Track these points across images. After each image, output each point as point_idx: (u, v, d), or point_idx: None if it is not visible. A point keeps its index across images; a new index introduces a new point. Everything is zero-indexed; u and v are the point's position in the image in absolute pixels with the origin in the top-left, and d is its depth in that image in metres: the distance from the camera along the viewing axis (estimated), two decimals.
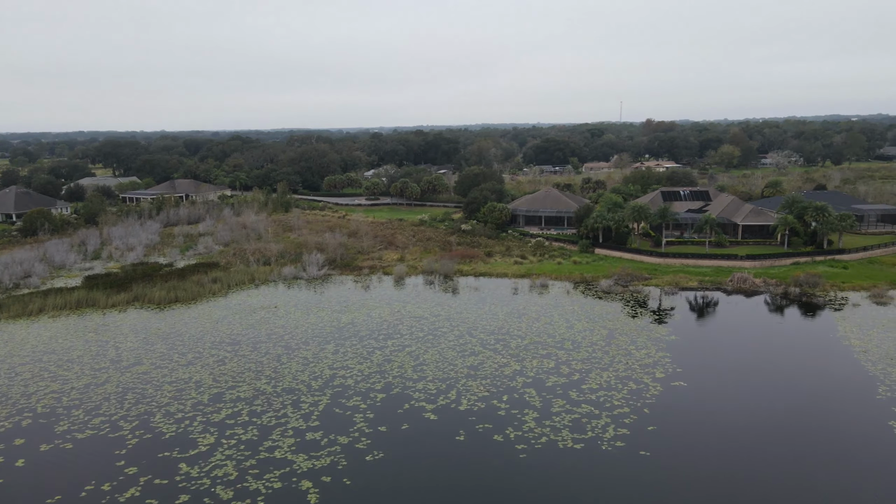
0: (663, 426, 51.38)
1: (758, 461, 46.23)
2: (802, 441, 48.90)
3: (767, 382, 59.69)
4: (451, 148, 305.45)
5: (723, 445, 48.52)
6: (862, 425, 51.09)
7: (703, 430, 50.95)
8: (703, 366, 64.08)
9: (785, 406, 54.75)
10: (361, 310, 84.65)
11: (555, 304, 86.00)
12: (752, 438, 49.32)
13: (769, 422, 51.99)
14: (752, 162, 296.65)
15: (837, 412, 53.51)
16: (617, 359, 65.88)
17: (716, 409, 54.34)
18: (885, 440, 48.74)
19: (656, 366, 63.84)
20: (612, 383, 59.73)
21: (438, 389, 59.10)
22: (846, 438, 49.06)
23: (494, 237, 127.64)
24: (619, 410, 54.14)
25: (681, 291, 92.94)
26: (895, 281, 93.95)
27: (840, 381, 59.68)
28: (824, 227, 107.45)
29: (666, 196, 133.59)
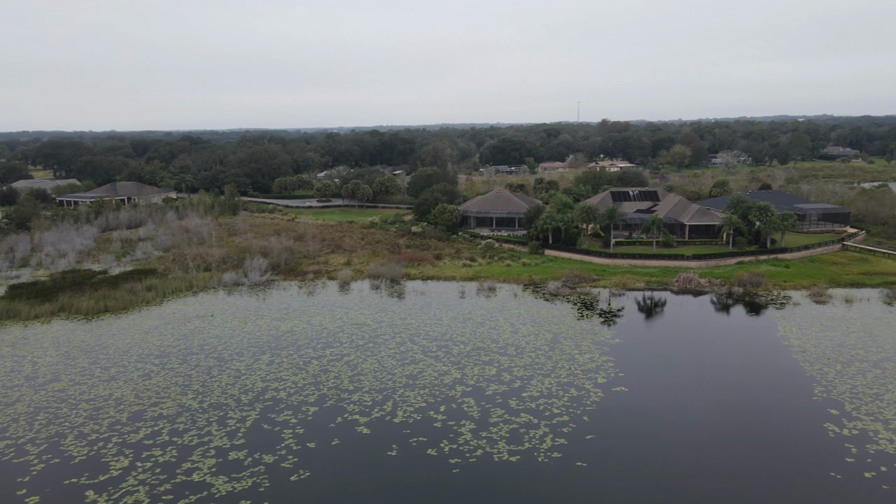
0: (602, 435, 50.21)
1: (693, 468, 45.37)
2: (739, 447, 48.29)
3: (707, 386, 59.23)
4: (406, 148, 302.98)
5: (659, 453, 47.55)
6: (798, 428, 50.83)
7: (642, 437, 49.95)
8: (645, 369, 63.36)
9: (723, 410, 54.25)
10: (302, 317, 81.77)
11: (501, 308, 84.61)
12: (688, 445, 48.51)
13: (706, 427, 51.34)
14: (703, 162, 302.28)
15: (775, 415, 53.19)
16: (560, 364, 64.70)
17: (655, 415, 53.47)
18: (819, 443, 48.48)
19: (599, 371, 62.86)
20: (554, 390, 58.44)
21: (374, 401, 56.89)
22: (782, 442, 48.65)
23: (445, 239, 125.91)
24: (559, 419, 52.81)
25: (628, 293, 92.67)
26: (834, 279, 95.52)
27: (779, 383, 59.58)
28: (767, 227, 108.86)
29: (615, 196, 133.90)
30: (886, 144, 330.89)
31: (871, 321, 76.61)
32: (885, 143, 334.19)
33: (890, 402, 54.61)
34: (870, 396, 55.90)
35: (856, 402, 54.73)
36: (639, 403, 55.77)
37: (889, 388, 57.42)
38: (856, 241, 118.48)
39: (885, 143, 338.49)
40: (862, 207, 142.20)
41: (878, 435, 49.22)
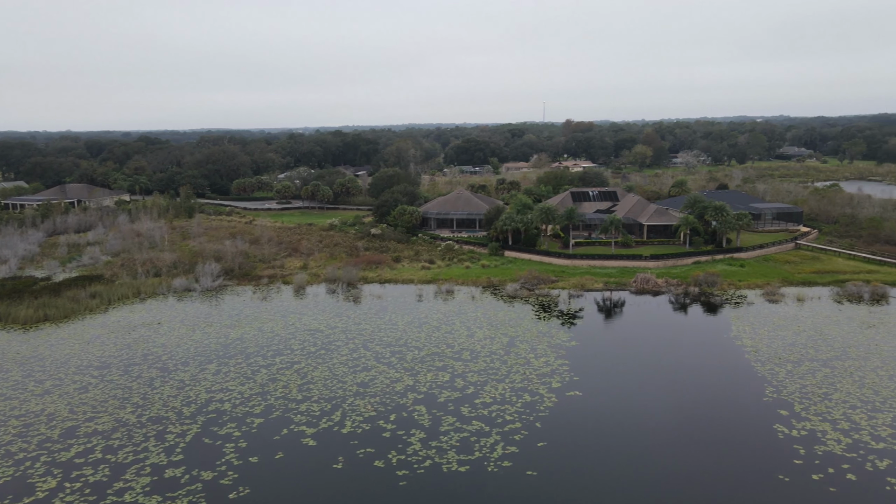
0: (554, 442, 49.34)
1: (642, 474, 44.76)
2: (689, 451, 47.92)
3: (660, 388, 58.92)
4: (370, 149, 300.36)
5: (610, 458, 46.88)
6: (748, 429, 50.71)
7: (593, 442, 49.25)
8: (600, 373, 62.85)
9: (675, 413, 53.91)
10: (253, 324, 79.39)
11: (458, 312, 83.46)
12: (639, 450, 47.93)
13: (658, 431, 50.88)
14: (663, 161, 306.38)
15: (726, 418, 53.03)
16: (515, 369, 63.78)
17: (607, 419, 52.86)
18: (769, 444, 48.38)
19: (554, 375, 62.11)
20: (507, 396, 57.45)
21: (323, 411, 55.12)
22: (733, 445, 48.42)
23: (405, 241, 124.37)
24: (511, 426, 51.80)
25: (586, 294, 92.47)
26: (787, 278, 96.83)
27: (731, 384, 59.60)
28: (723, 227, 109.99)
29: (576, 197, 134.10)
30: (839, 144, 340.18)
31: (822, 320, 77.59)
32: (838, 144, 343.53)
33: (838, 402, 54.98)
34: (818, 396, 56.24)
35: (805, 403, 54.96)
36: (592, 408, 55.12)
37: (837, 388, 57.88)
38: (808, 240, 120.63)
39: (837, 143, 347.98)
40: (815, 206, 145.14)
41: (826, 436, 49.37)
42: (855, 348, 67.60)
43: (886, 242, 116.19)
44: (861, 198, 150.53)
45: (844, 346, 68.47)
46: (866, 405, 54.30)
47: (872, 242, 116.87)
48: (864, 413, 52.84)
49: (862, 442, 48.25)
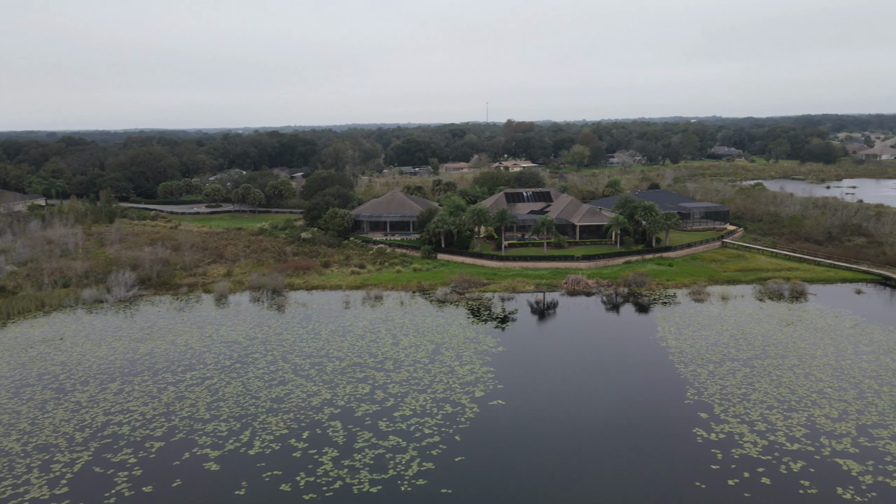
0: (472, 456, 47.51)
1: (559, 485, 43.41)
2: (609, 459, 46.91)
3: (583, 394, 57.98)
4: (308, 150, 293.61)
5: (528, 469, 45.35)
6: (668, 434, 50.15)
7: (512, 453, 47.67)
8: (524, 379, 61.51)
9: (596, 419, 52.93)
10: (166, 336, 74.85)
11: (385, 318, 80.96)
12: (558, 459, 46.60)
13: (578, 439, 49.74)
14: (601, 161, 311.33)
15: (647, 423, 52.39)
16: (438, 378, 61.78)
17: (528, 429, 51.41)
18: (688, 449, 47.86)
19: (478, 383, 60.40)
20: (428, 408, 55.36)
21: (231, 430, 51.75)
22: (653, 451, 47.69)
23: (336, 245, 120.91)
24: (429, 440, 49.71)
25: (517, 296, 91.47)
26: (713, 276, 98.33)
27: (654, 387, 59.21)
28: (652, 226, 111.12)
29: (510, 197, 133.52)
30: (765, 144, 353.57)
31: (744, 318, 78.66)
32: (765, 144, 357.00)
33: (756, 402, 55.18)
34: (738, 397, 56.37)
35: (725, 404, 54.94)
36: (513, 417, 53.60)
37: (756, 388, 58.22)
38: (734, 239, 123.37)
39: (764, 143, 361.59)
40: (741, 205, 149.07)
41: (744, 438, 49.25)
42: (774, 346, 68.54)
43: (806, 240, 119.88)
44: (783, 196, 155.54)
45: (764, 344, 69.37)
46: (783, 405, 54.68)
47: (793, 240, 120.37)
48: (780, 413, 53.13)
49: (777, 444, 48.30)
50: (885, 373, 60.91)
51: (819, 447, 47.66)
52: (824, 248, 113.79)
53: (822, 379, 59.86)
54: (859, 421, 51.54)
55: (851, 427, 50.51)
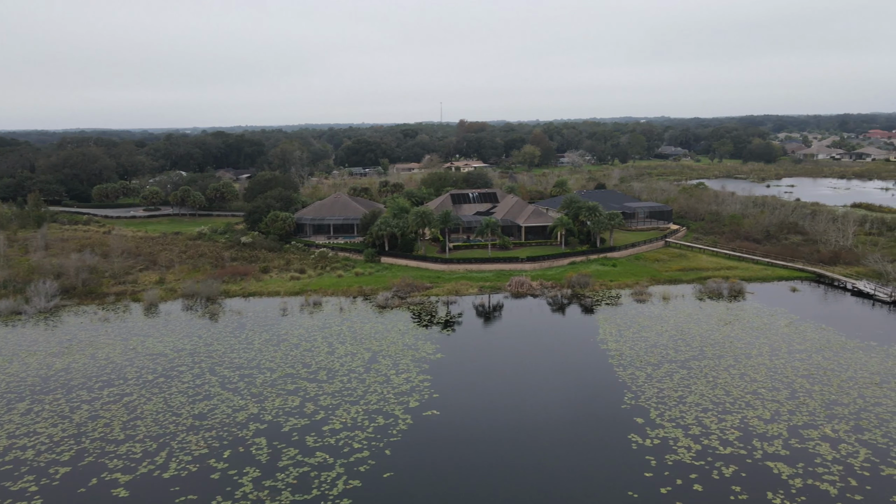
0: (402, 471, 45.54)
1: (492, 497, 41.85)
2: (544, 467, 45.57)
3: (521, 400, 56.64)
4: (255, 151, 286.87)
5: (459, 483, 43.66)
6: (604, 441, 49.18)
7: (444, 466, 45.90)
8: (461, 387, 59.86)
9: (533, 428, 51.59)
10: (87, 350, 70.54)
11: (322, 325, 78.28)
12: (491, 471, 45.05)
13: (513, 447, 48.30)
14: (551, 161, 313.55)
15: (585, 430, 51.36)
16: (372, 388, 59.60)
17: (462, 439, 49.74)
18: (622, 456, 46.94)
19: (413, 393, 58.47)
20: (359, 420, 53.14)
21: (146, 452, 48.50)
22: (588, 459, 46.60)
23: (277, 250, 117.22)
24: (358, 455, 47.53)
25: (461, 299, 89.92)
26: (655, 276, 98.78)
27: (592, 392, 58.32)
28: (596, 226, 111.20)
29: (455, 199, 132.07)
30: (710, 144, 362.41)
31: (683, 318, 78.88)
32: (709, 143, 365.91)
33: (691, 405, 54.82)
34: (674, 400, 55.93)
35: (661, 408, 54.39)
36: (448, 428, 51.86)
37: (692, 390, 57.95)
38: (677, 238, 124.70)
39: (709, 143, 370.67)
40: (684, 204, 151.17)
41: (678, 443, 48.66)
42: (711, 347, 68.69)
43: (746, 238, 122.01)
44: (725, 195, 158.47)
45: (702, 345, 69.48)
46: (717, 407, 54.45)
47: (733, 239, 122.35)
48: (714, 416, 52.84)
49: (711, 448, 47.84)
50: (816, 372, 61.53)
51: (751, 450, 47.39)
52: (763, 246, 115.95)
53: (757, 379, 60.05)
54: (791, 422, 51.62)
55: (783, 428, 50.52)
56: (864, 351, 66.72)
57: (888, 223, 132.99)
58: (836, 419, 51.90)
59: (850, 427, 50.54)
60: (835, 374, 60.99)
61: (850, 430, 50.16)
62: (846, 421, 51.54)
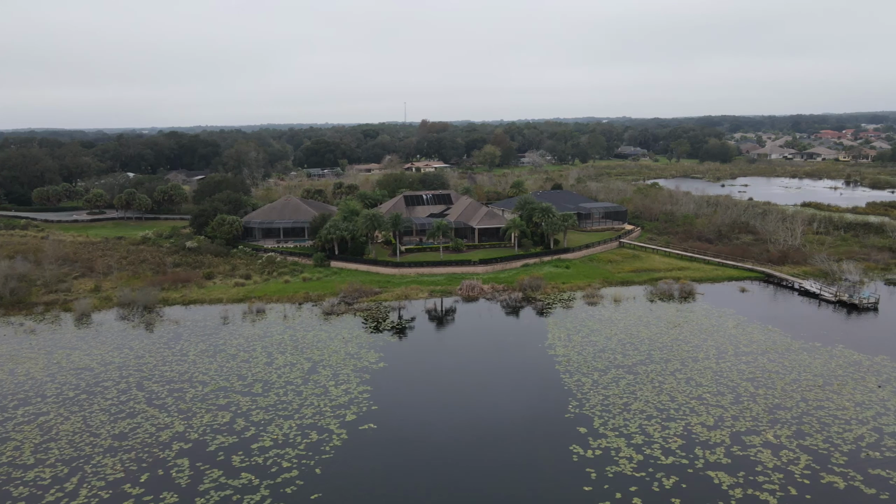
0: (332, 491, 43.13)
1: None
2: (484, 483, 43.66)
3: (462, 411, 54.66)
4: (210, 152, 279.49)
5: (394, 502, 41.52)
6: (545, 453, 47.56)
7: (377, 485, 43.62)
8: (402, 398, 57.67)
9: (474, 440, 49.65)
10: (6, 364, 66.20)
11: (263, 334, 75.19)
12: (426, 487, 42.96)
13: (452, 461, 46.29)
14: (512, 161, 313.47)
15: (526, 441, 49.67)
16: (309, 401, 56.96)
17: (398, 455, 47.55)
18: (562, 469, 45.33)
19: (351, 405, 56.03)
20: (292, 436, 50.49)
21: (56, 477, 45.06)
22: (528, 473, 44.86)
23: (224, 254, 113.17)
24: (286, 475, 44.93)
25: (410, 304, 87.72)
26: (607, 278, 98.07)
27: (537, 400, 56.68)
28: (549, 228, 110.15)
29: (409, 201, 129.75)
30: (668, 144, 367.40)
31: (633, 321, 78.05)
32: (668, 143, 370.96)
33: (636, 413, 53.60)
34: (619, 407, 54.65)
35: (605, 417, 53.02)
36: (383, 442, 49.59)
37: (637, 396, 56.79)
38: (631, 238, 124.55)
39: (667, 143, 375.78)
40: (639, 204, 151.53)
41: (620, 453, 47.27)
42: (659, 351, 67.84)
43: (698, 238, 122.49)
44: (679, 195, 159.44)
45: (650, 348, 68.58)
46: (662, 414, 53.34)
47: (686, 239, 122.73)
48: (658, 423, 51.68)
49: (652, 458, 46.57)
50: (761, 375, 61.06)
51: (693, 459, 46.27)
52: (714, 246, 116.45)
53: (703, 384, 59.25)
54: (734, 428, 50.76)
55: (726, 435, 49.59)
56: (808, 352, 66.68)
57: (835, 222, 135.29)
58: (779, 424, 51.26)
59: (793, 432, 49.92)
60: (779, 376, 60.61)
61: (793, 435, 49.53)
62: (788, 426, 50.93)
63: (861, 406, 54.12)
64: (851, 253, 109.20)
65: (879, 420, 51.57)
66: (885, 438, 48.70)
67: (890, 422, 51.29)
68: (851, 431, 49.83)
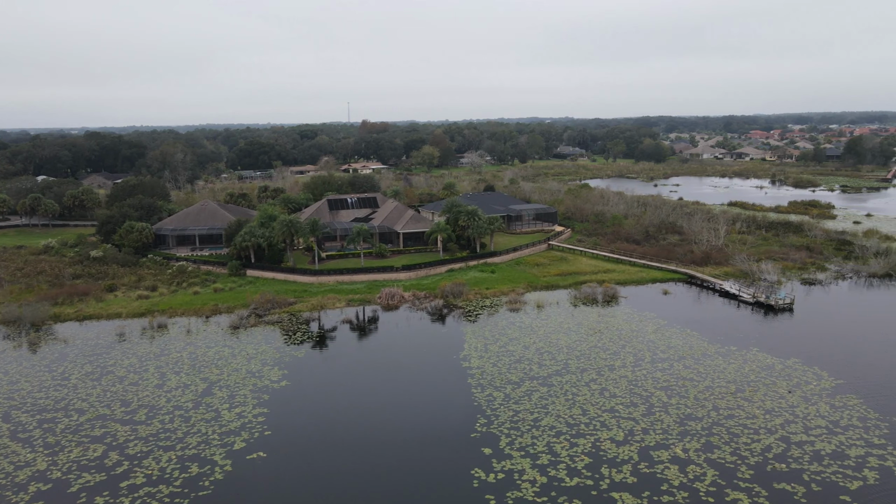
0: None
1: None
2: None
3: (364, 434, 50.93)
4: (134, 153, 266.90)
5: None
6: (444, 479, 44.39)
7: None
8: (300, 421, 53.54)
9: (370, 469, 46.01)
10: None
11: (160, 352, 69.65)
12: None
13: (343, 494, 42.56)
14: (451, 162, 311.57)
15: (427, 465, 46.43)
16: (196, 427, 52.21)
17: (285, 487, 43.51)
18: (461, 497, 42.23)
19: (243, 431, 51.59)
20: (168, 470, 45.75)
21: None
22: (424, 502, 41.63)
23: (132, 264, 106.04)
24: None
25: (326, 315, 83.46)
26: (532, 282, 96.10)
27: (443, 420, 53.46)
28: (475, 231, 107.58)
29: (333, 204, 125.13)
30: (605, 144, 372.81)
31: (554, 328, 75.99)
32: (605, 143, 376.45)
33: (545, 429, 51.04)
34: (528, 424, 51.99)
35: (512, 435, 50.24)
36: (272, 473, 45.45)
37: (549, 410, 54.32)
38: (560, 240, 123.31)
39: (605, 143, 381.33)
40: (571, 205, 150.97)
41: (524, 476, 44.51)
42: (576, 359, 65.78)
43: (626, 240, 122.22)
44: (610, 195, 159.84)
45: (568, 357, 66.45)
46: (571, 430, 50.94)
47: (615, 240, 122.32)
48: (566, 440, 49.22)
49: (557, 479, 43.98)
50: (675, 383, 59.63)
51: (598, 480, 43.92)
52: (641, 247, 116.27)
53: (616, 394, 57.32)
54: (643, 442, 48.79)
55: (634, 451, 47.53)
56: (723, 357, 65.84)
57: (758, 222, 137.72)
58: (689, 436, 49.60)
59: (701, 445, 48.28)
60: (693, 384, 59.32)
61: (701, 448, 47.88)
62: (698, 438, 49.31)
63: (770, 413, 53.12)
64: (771, 252, 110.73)
65: (787, 428, 50.59)
66: (791, 448, 47.59)
67: (797, 430, 50.35)
68: (759, 442, 48.57)
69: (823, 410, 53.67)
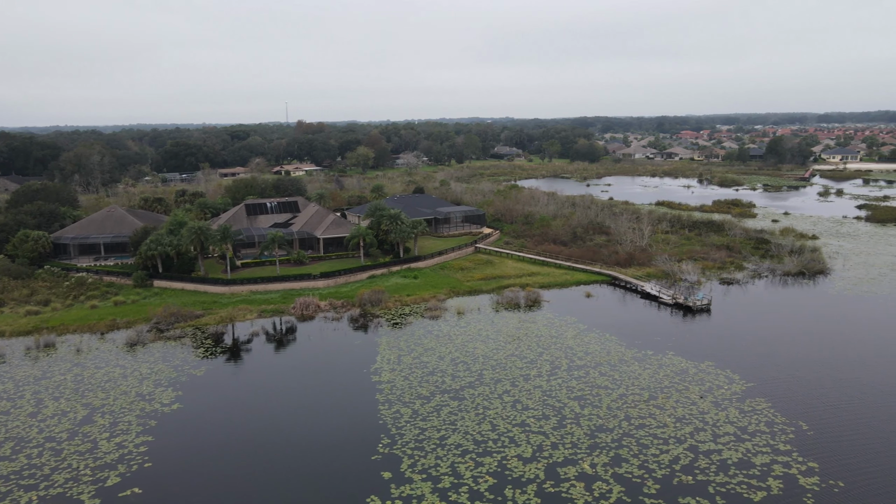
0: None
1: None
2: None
3: (253, 462, 47.01)
4: (47, 155, 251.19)
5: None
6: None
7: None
8: (187, 449, 49.15)
9: (262, 500, 42.23)
10: None
11: (41, 375, 63.58)
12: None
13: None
14: (387, 163, 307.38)
15: (321, 493, 42.94)
16: (67, 461, 47.14)
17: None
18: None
19: (119, 463, 46.83)
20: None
21: None
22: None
23: (26, 276, 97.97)
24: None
25: (235, 328, 78.62)
26: (455, 287, 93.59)
27: (344, 440, 50.05)
28: (398, 236, 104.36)
29: (251, 209, 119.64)
30: (541, 144, 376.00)
31: (472, 336, 73.59)
32: (541, 143, 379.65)
33: (451, 448, 48.34)
34: (434, 443, 49.21)
35: (416, 456, 47.33)
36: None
37: (457, 427, 51.69)
38: (488, 243, 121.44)
39: (541, 143, 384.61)
40: (500, 206, 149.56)
41: (423, 502, 41.67)
42: (492, 370, 63.46)
43: (554, 241, 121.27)
44: (539, 195, 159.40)
45: (483, 367, 64.09)
46: (478, 447, 48.43)
47: (542, 242, 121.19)
48: (472, 460, 46.67)
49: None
50: (589, 392, 58.03)
51: (500, 503, 41.45)
52: (568, 249, 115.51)
53: (529, 407, 55.21)
54: (551, 458, 46.69)
55: (541, 469, 45.34)
56: (639, 362, 64.81)
57: (682, 221, 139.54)
58: (598, 450, 47.82)
59: (610, 459, 46.55)
60: (607, 392, 57.84)
61: (609, 462, 46.14)
62: (607, 451, 47.58)
63: (681, 422, 52.03)
64: (693, 252, 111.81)
65: (696, 437, 49.52)
66: (699, 458, 46.43)
67: (706, 438, 49.35)
68: (668, 452, 47.24)
69: (733, 416, 52.99)
